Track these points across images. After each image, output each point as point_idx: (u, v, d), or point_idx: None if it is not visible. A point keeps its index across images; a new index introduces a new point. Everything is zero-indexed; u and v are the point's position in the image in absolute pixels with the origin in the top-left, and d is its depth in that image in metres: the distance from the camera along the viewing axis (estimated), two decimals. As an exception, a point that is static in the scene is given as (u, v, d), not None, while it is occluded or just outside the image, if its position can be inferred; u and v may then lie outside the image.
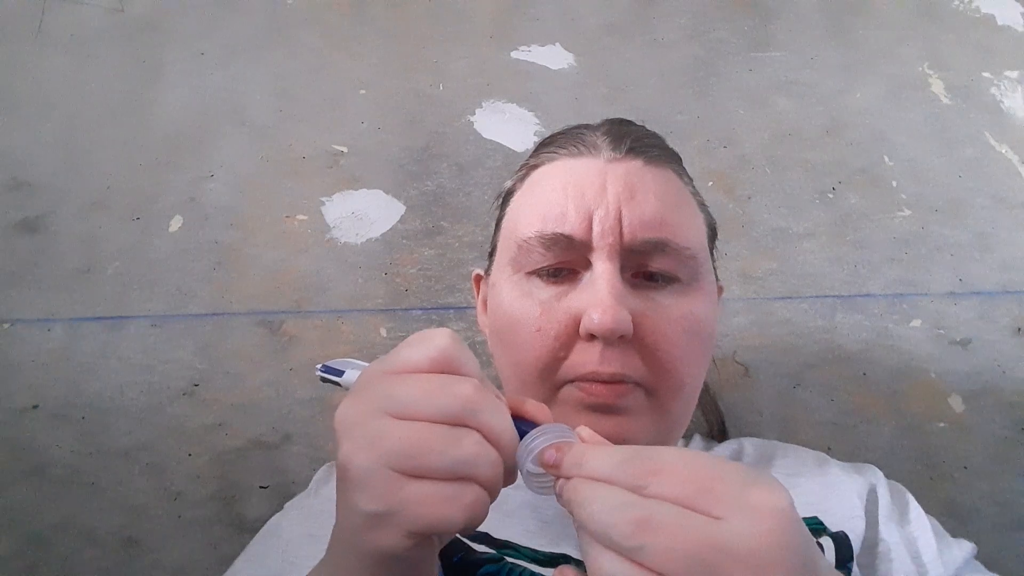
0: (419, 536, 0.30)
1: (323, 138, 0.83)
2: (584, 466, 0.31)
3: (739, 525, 0.27)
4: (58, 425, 0.69)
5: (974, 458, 0.67)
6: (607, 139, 0.51)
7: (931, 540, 0.48)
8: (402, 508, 0.29)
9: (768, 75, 0.87)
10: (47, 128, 0.83)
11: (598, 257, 0.45)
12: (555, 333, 0.45)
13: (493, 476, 0.31)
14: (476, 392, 0.31)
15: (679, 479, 0.29)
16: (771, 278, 0.75)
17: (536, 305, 0.46)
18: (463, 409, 0.31)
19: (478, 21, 0.90)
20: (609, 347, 0.44)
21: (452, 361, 0.32)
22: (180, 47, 0.88)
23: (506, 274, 0.50)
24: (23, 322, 0.73)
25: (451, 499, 0.29)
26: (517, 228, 0.49)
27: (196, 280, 0.75)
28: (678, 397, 0.47)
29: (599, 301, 0.43)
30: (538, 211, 0.48)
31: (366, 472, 0.30)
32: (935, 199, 0.79)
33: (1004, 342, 0.72)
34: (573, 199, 0.47)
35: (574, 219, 0.46)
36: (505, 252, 0.51)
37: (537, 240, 0.47)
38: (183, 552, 0.65)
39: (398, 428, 0.30)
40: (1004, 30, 0.90)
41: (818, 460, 0.54)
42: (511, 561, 0.43)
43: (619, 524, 0.28)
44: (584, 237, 0.46)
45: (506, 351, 0.49)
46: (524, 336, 0.46)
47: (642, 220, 0.46)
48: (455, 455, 0.30)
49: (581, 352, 0.45)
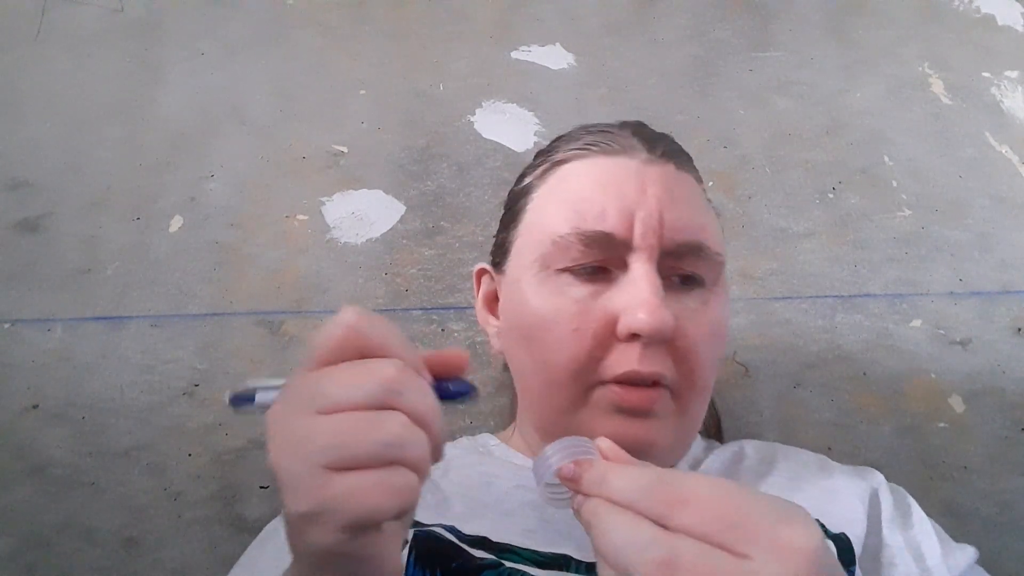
0: (354, 530, 0.29)
1: (323, 138, 0.83)
2: (606, 486, 0.31)
3: (766, 566, 0.26)
4: (58, 425, 0.69)
5: (974, 458, 0.67)
6: (639, 140, 0.50)
7: (935, 544, 0.48)
8: (330, 504, 0.28)
9: (768, 75, 0.87)
10: (47, 128, 0.83)
11: (638, 258, 0.45)
12: (593, 332, 0.44)
13: (420, 455, 0.30)
14: (396, 372, 0.30)
15: (706, 512, 0.28)
16: (771, 278, 0.75)
17: (571, 303, 0.45)
18: (384, 391, 0.29)
19: (478, 21, 0.90)
20: (648, 347, 0.44)
21: (362, 335, 0.31)
22: (180, 47, 0.88)
23: (532, 271, 0.48)
24: (23, 322, 0.73)
25: (378, 486, 0.28)
26: (548, 224, 0.48)
27: (196, 280, 0.75)
28: (699, 399, 0.48)
29: (644, 301, 0.43)
30: (574, 207, 0.47)
31: (292, 473, 0.29)
32: (935, 199, 0.79)
33: (1004, 342, 0.72)
34: (613, 197, 0.46)
35: (615, 218, 0.46)
36: (532, 248, 0.49)
37: (575, 236, 0.46)
38: (183, 552, 0.65)
39: (321, 423, 0.29)
40: (1004, 30, 0.90)
41: (820, 464, 0.53)
42: (510, 566, 0.42)
43: (642, 564, 0.27)
44: (625, 236, 0.45)
45: (534, 350, 0.47)
46: (558, 335, 0.45)
47: (681, 223, 0.46)
48: (379, 439, 0.29)
49: (619, 353, 0.44)
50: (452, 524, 0.45)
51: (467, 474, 0.51)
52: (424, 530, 0.44)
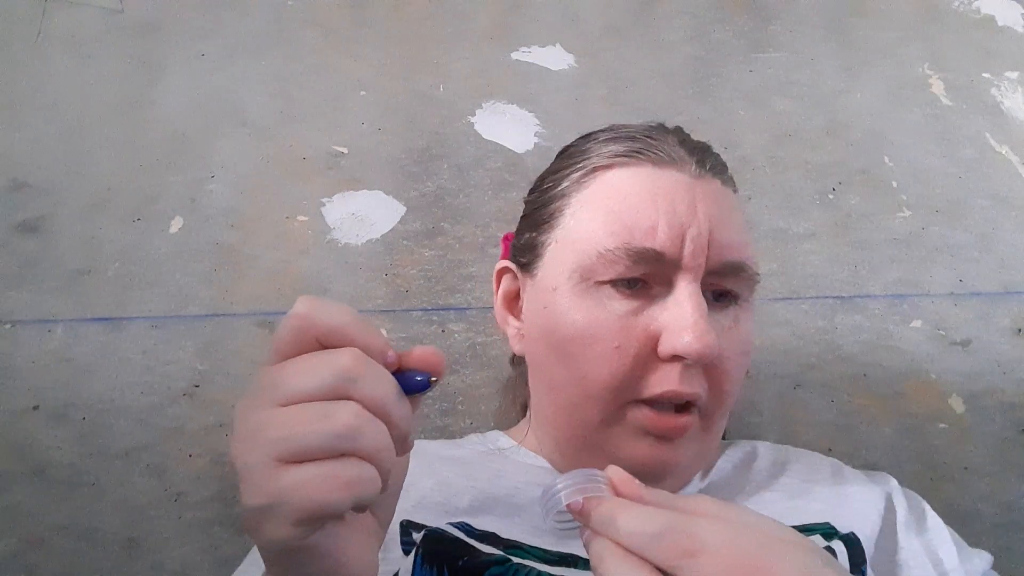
0: (308, 524, 0.28)
1: (323, 139, 0.83)
2: (614, 528, 0.30)
3: None
4: (58, 426, 0.69)
5: (975, 459, 0.67)
6: (685, 151, 0.49)
7: (952, 549, 0.48)
8: (282, 498, 0.27)
9: (768, 75, 0.87)
10: (47, 129, 0.83)
11: (684, 277, 0.44)
12: (635, 351, 0.44)
13: (377, 445, 0.29)
14: (351, 360, 0.29)
15: (719, 564, 0.27)
16: (771, 279, 0.75)
17: (614, 320, 0.44)
18: (337, 380, 0.29)
19: (478, 22, 0.90)
20: (688, 368, 0.43)
21: (315, 323, 0.30)
22: (180, 47, 0.88)
23: (572, 281, 0.47)
24: (23, 323, 0.73)
25: (329, 479, 0.27)
26: (593, 235, 0.46)
27: (196, 281, 0.75)
28: (724, 416, 0.48)
29: (691, 324, 0.42)
30: (623, 221, 0.45)
31: (247, 467, 0.28)
32: (935, 200, 0.79)
33: (1004, 342, 0.72)
34: (665, 215, 0.45)
35: (666, 235, 0.44)
36: (571, 258, 0.47)
37: (624, 252, 0.44)
38: (184, 553, 0.65)
39: (274, 415, 0.29)
40: (1004, 31, 0.90)
41: (833, 468, 0.53)
42: (518, 562, 0.42)
43: None
44: (675, 255, 0.44)
45: (569, 363, 0.46)
46: (600, 351, 0.44)
47: (728, 242, 0.46)
48: (329, 429, 0.28)
49: (660, 372, 0.44)
50: (463, 520, 0.46)
51: (477, 470, 0.51)
52: (433, 529, 0.44)
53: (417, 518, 0.46)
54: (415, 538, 0.44)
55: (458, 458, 0.52)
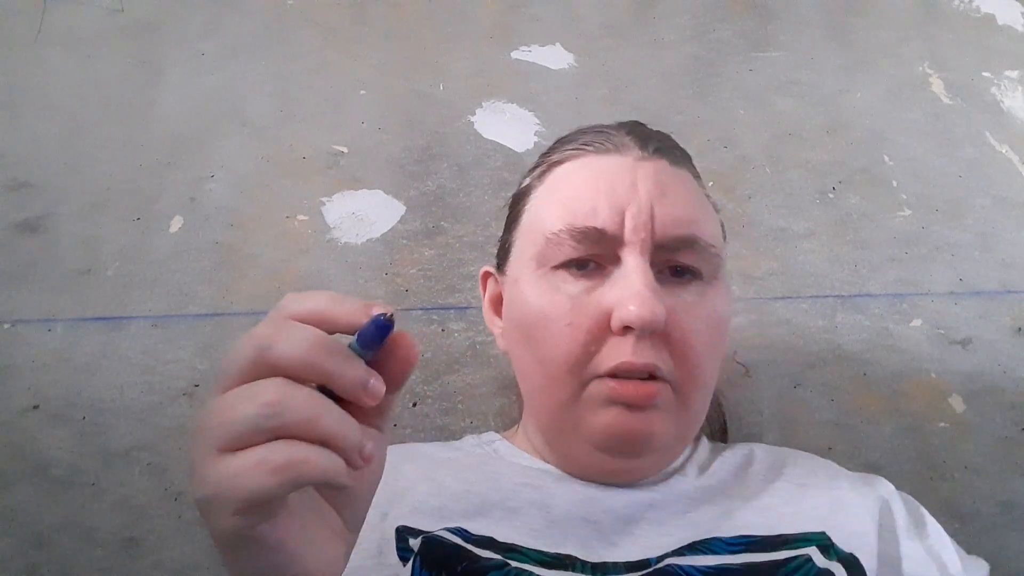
0: (247, 512, 0.27)
1: (323, 138, 0.83)
2: None
3: None
4: (58, 425, 0.69)
5: (975, 458, 0.67)
6: (632, 139, 0.51)
7: (954, 555, 0.47)
8: (219, 488, 0.27)
9: (768, 75, 0.87)
10: (47, 128, 0.83)
11: (630, 252, 0.46)
12: (587, 327, 0.45)
13: (304, 416, 0.27)
14: (266, 326, 0.28)
15: None
16: (771, 278, 0.75)
17: (566, 299, 0.46)
18: (254, 351, 0.28)
19: (478, 21, 0.90)
20: (641, 340, 0.44)
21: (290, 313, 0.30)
22: (180, 47, 0.88)
23: (529, 269, 0.49)
24: (23, 322, 0.73)
25: (260, 464, 0.26)
26: (543, 223, 0.49)
27: (196, 280, 0.75)
28: (700, 394, 0.48)
29: (635, 294, 0.43)
30: (567, 205, 0.48)
31: (194, 460, 0.28)
32: (935, 199, 0.79)
33: (1004, 342, 0.72)
34: (604, 194, 0.47)
35: (606, 214, 0.46)
36: (528, 248, 0.50)
37: (567, 233, 0.47)
38: (184, 552, 0.65)
39: (213, 404, 0.28)
40: (1004, 30, 0.90)
41: (828, 472, 0.53)
42: (516, 566, 0.42)
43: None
44: (616, 231, 0.46)
45: (532, 347, 0.48)
46: (554, 331, 0.46)
47: (673, 217, 0.47)
48: (251, 410, 0.26)
49: (613, 346, 0.45)
50: (459, 525, 0.45)
51: (473, 473, 0.51)
52: (430, 535, 0.44)
53: (413, 523, 0.46)
54: (412, 544, 0.44)
55: (454, 460, 0.52)
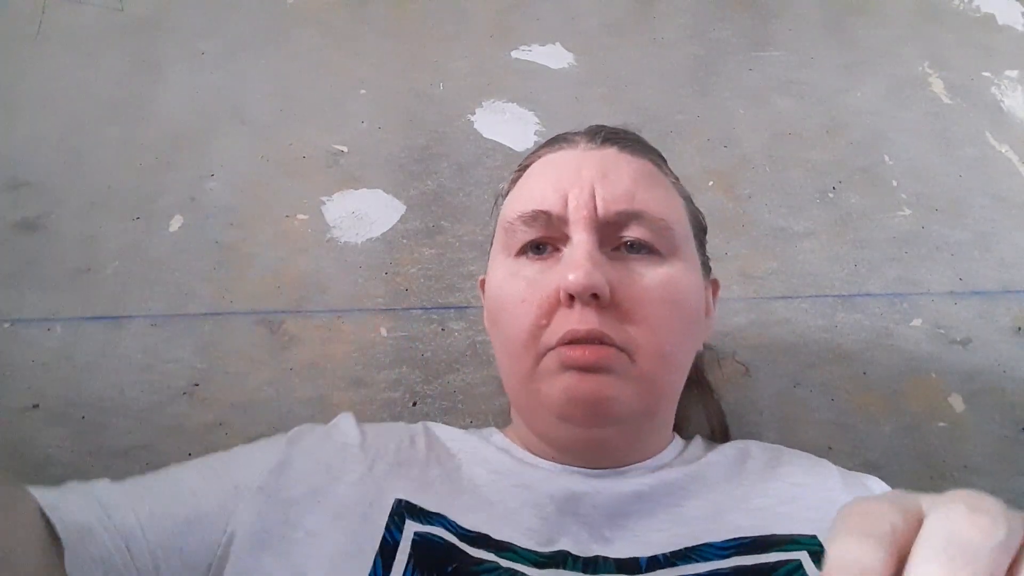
0: None
1: (323, 138, 0.83)
2: None
3: None
4: (58, 425, 0.69)
5: (974, 458, 0.67)
6: (584, 134, 0.55)
7: None
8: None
9: (768, 75, 0.87)
10: (47, 128, 0.83)
11: (575, 230, 0.49)
12: (538, 302, 0.48)
13: None
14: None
15: None
16: (771, 278, 0.75)
17: (522, 280, 0.49)
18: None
19: (478, 21, 0.90)
20: (587, 308, 0.46)
21: None
22: (180, 47, 0.88)
23: (498, 260, 0.53)
24: (23, 322, 0.73)
25: None
26: (504, 217, 0.54)
27: (196, 280, 0.75)
28: (660, 364, 0.48)
29: (576, 264, 0.46)
30: (522, 198, 0.52)
31: None
32: (935, 199, 0.79)
33: (1004, 342, 0.72)
34: (551, 182, 0.51)
35: (552, 197, 0.50)
36: (497, 242, 0.55)
37: (519, 219, 0.51)
38: (183, 552, 0.65)
39: None
40: (1004, 30, 0.90)
41: (823, 472, 0.52)
42: (507, 566, 0.42)
43: None
44: (560, 212, 0.49)
45: (497, 331, 0.51)
46: (511, 311, 0.49)
47: (614, 194, 0.49)
48: None
49: (561, 316, 0.47)
50: (453, 518, 0.46)
51: (476, 467, 0.51)
52: (421, 535, 0.44)
53: (416, 500, 0.46)
54: (404, 527, 0.44)
55: (463, 452, 0.53)
